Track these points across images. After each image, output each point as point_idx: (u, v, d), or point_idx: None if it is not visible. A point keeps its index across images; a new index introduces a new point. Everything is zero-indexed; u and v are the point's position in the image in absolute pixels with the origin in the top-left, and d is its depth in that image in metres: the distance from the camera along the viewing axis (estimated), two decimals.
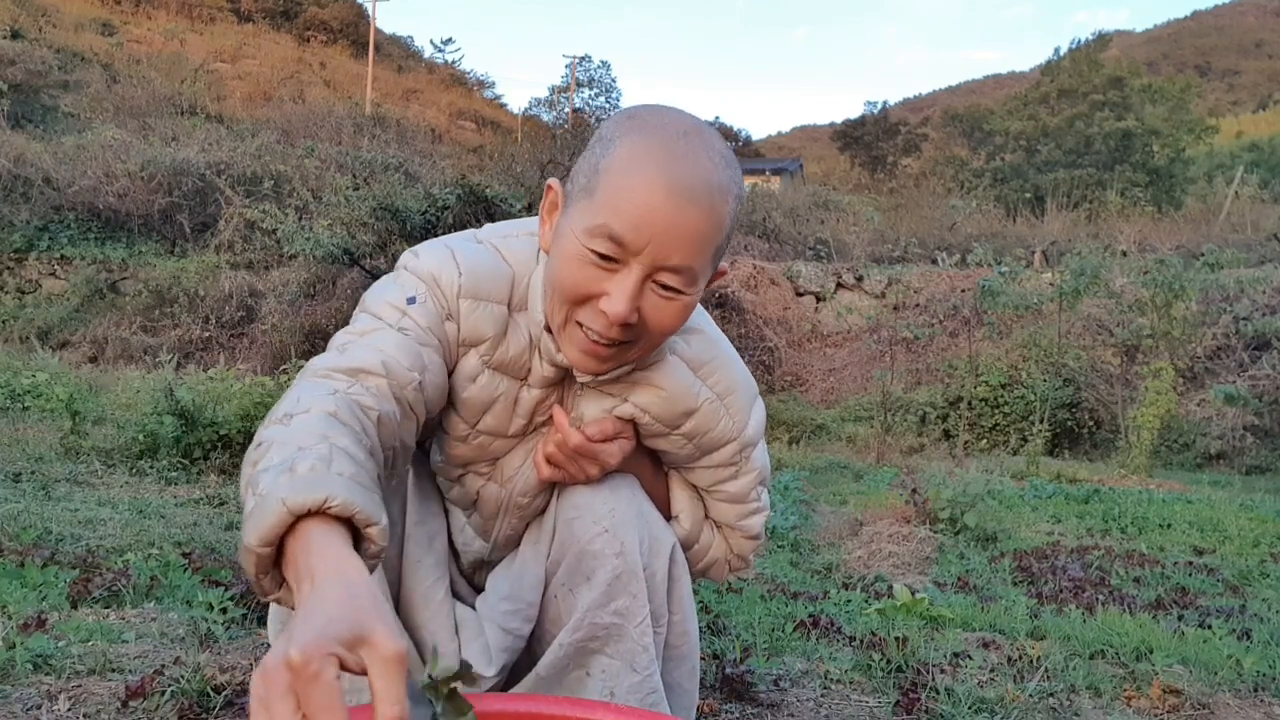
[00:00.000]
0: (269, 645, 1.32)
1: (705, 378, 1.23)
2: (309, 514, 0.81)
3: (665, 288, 1.05)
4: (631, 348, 1.11)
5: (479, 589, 1.34)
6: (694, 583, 1.36)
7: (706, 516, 1.32)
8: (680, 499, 1.31)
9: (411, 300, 1.12)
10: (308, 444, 0.89)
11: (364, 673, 0.75)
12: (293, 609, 0.84)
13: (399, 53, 35.57)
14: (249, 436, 5.16)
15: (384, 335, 1.08)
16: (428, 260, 1.15)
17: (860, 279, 13.58)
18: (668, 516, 1.30)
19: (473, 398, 1.18)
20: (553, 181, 1.14)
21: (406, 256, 1.18)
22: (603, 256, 1.03)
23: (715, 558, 1.34)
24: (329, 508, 0.82)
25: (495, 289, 1.16)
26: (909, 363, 12.23)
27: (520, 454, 1.25)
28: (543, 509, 1.30)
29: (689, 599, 1.29)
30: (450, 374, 1.17)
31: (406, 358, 1.06)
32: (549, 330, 1.15)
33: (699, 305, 1.22)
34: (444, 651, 1.25)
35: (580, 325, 1.08)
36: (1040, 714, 1.82)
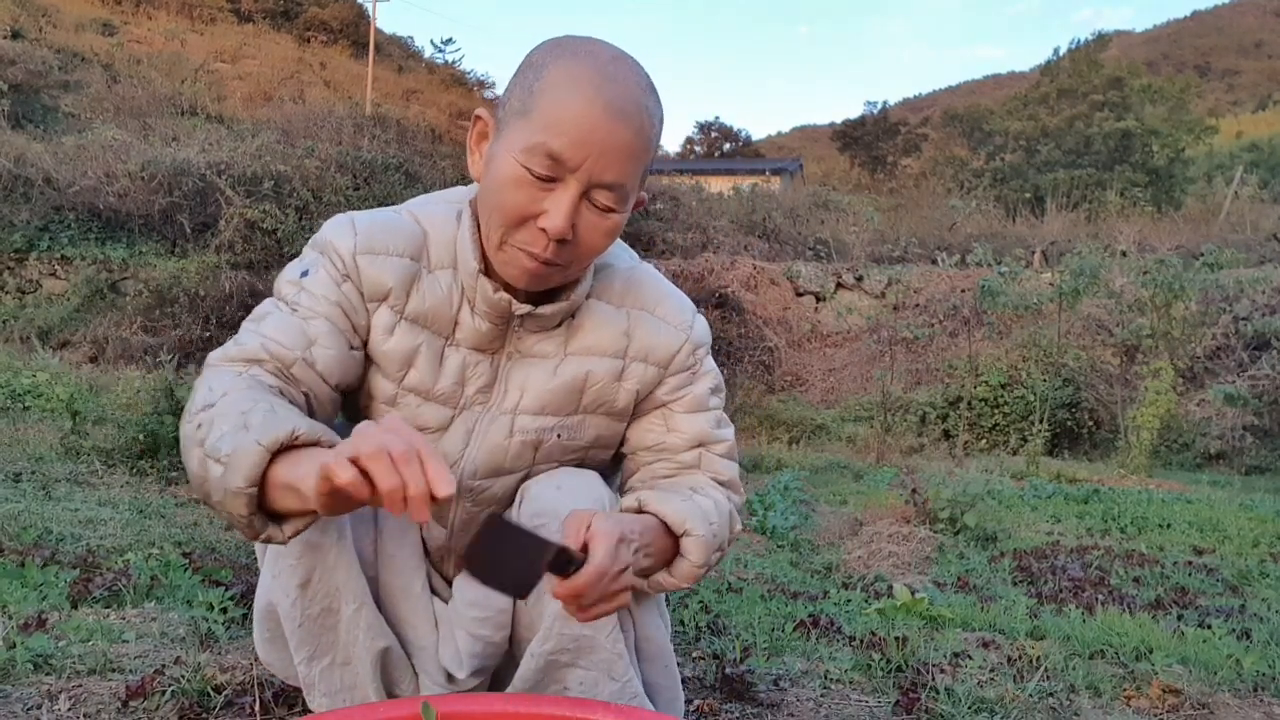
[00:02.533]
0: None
1: (628, 304, 1.27)
2: (281, 449, 0.96)
3: (599, 206, 1.10)
4: (565, 268, 1.14)
5: (448, 580, 1.34)
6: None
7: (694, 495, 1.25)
8: (680, 509, 1.20)
9: (305, 274, 1.18)
10: (247, 407, 1.01)
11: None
12: (283, 544, 1.03)
13: (399, 53, 35.52)
14: None
15: (272, 319, 1.16)
16: (327, 231, 1.21)
17: (860, 279, 13.57)
18: (672, 557, 1.22)
19: (392, 350, 1.20)
20: (481, 111, 1.18)
21: (315, 235, 1.24)
22: (541, 176, 1.07)
23: (727, 510, 1.26)
24: (297, 438, 0.96)
25: (396, 244, 1.20)
26: (909, 363, 12.23)
27: (459, 433, 1.24)
28: (500, 496, 1.28)
29: (650, 602, 1.28)
30: (367, 340, 1.21)
31: (289, 337, 1.13)
32: (486, 274, 1.18)
33: (618, 240, 1.27)
34: (424, 645, 1.25)
35: (517, 248, 1.11)
36: (1040, 714, 1.82)
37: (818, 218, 16.93)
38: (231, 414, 1.01)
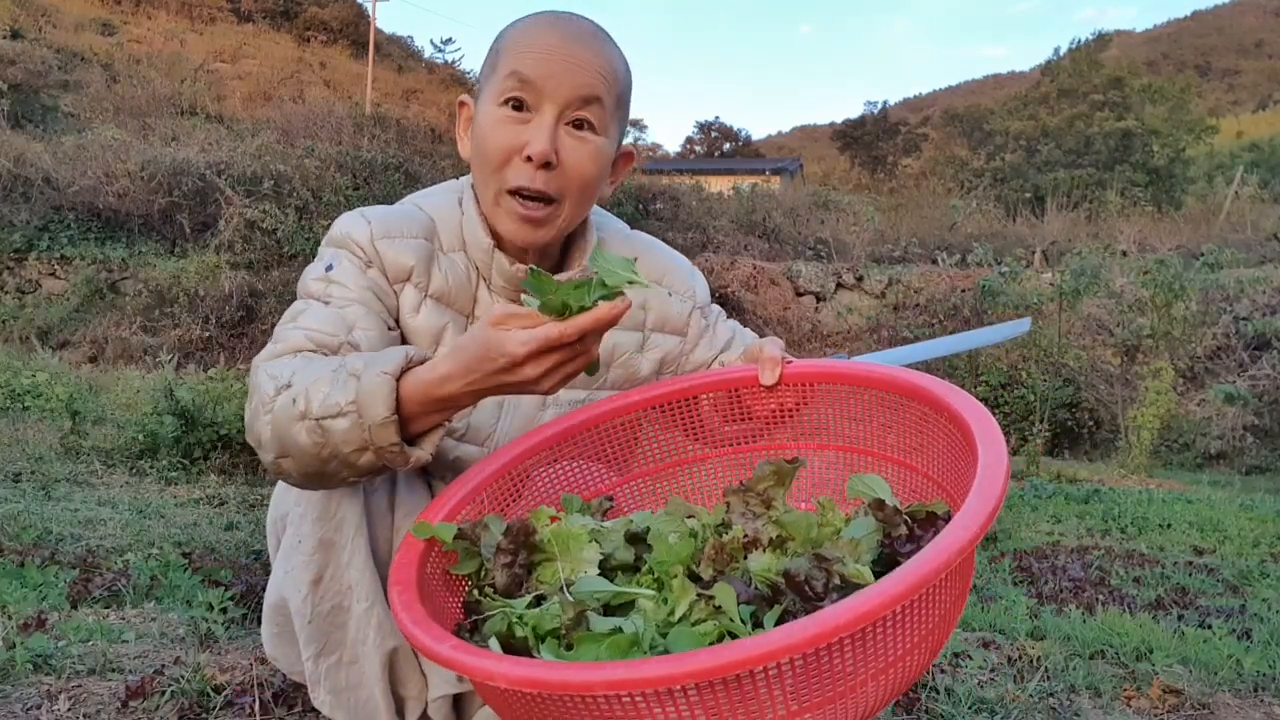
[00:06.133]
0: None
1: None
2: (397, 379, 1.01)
3: (578, 127, 1.17)
4: (559, 207, 1.20)
5: None
6: None
7: None
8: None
9: (329, 268, 1.22)
10: (333, 366, 1.05)
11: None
12: (429, 460, 1.06)
13: (399, 53, 35.53)
14: None
15: (309, 314, 1.18)
16: (339, 226, 1.26)
17: (860, 279, 13.57)
18: None
19: (420, 327, 1.25)
20: (464, 96, 1.27)
21: (326, 236, 1.28)
22: (517, 107, 1.15)
23: None
24: (411, 361, 1.03)
25: (409, 228, 1.25)
26: None
27: (490, 405, 1.28)
28: None
29: None
30: (397, 318, 1.25)
31: (329, 325, 1.16)
32: (500, 249, 1.24)
33: (605, 211, 1.36)
34: None
35: (509, 192, 1.18)
36: (1040, 714, 1.82)
37: (818, 218, 16.91)
38: (322, 377, 1.04)
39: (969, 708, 1.77)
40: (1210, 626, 2.64)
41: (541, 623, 0.94)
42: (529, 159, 1.15)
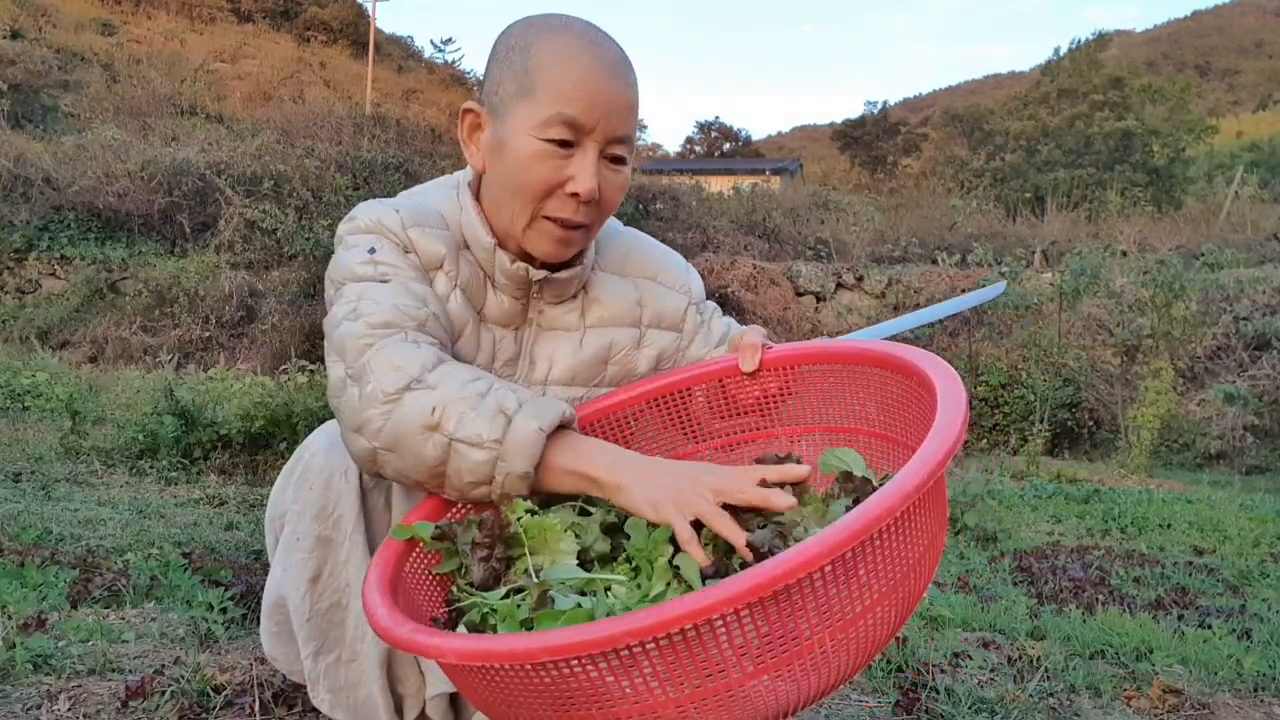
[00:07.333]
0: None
1: (630, 272, 1.36)
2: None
3: (614, 160, 1.18)
4: (588, 231, 1.22)
5: None
6: None
7: None
8: None
9: (372, 250, 1.19)
10: (481, 388, 1.04)
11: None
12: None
13: (399, 53, 35.52)
14: (249, 436, 5.18)
15: (375, 291, 1.14)
16: (365, 215, 1.23)
17: (860, 279, 13.57)
18: None
19: (450, 316, 1.24)
20: (470, 103, 1.24)
21: (343, 226, 1.25)
22: (560, 144, 1.15)
23: None
24: (565, 420, 1.05)
25: (432, 218, 1.25)
26: None
27: None
28: None
29: None
30: None
31: (407, 299, 1.14)
32: (501, 247, 1.24)
33: None
34: None
35: (547, 218, 1.18)
36: (1040, 714, 1.82)
37: (818, 218, 16.90)
38: (467, 398, 1.03)
39: (969, 708, 1.77)
40: (1210, 626, 2.64)
41: (514, 612, 0.94)
42: (573, 195, 1.16)
